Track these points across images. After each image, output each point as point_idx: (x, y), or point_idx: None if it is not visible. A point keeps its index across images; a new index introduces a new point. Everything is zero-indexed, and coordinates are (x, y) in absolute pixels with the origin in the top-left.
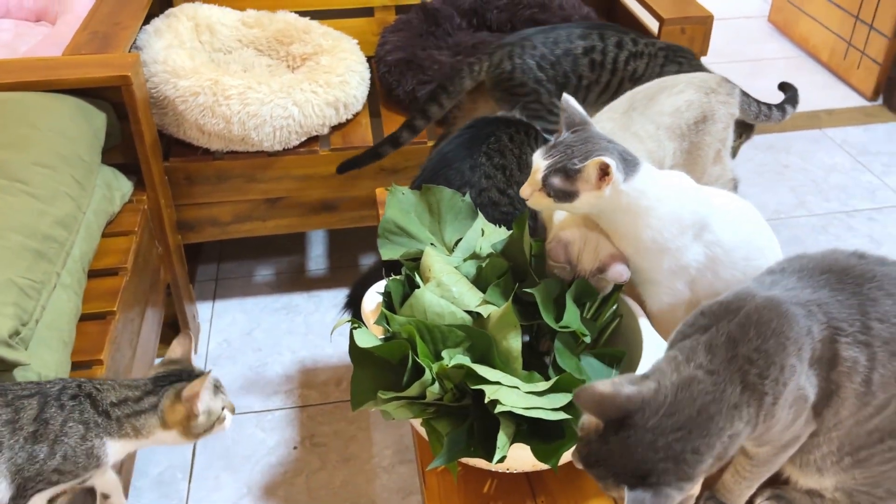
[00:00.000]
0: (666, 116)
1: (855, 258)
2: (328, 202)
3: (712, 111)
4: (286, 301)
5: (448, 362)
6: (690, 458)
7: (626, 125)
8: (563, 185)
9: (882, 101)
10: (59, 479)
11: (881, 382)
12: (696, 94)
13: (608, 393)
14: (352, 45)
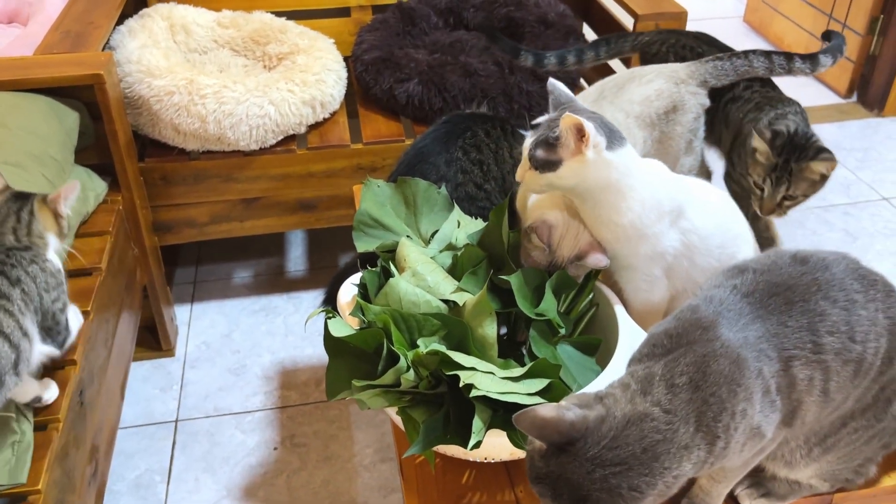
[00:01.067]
0: (635, 105)
1: (797, 266)
2: (306, 202)
3: (682, 101)
4: (265, 303)
5: (423, 350)
6: (627, 493)
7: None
8: (546, 154)
9: (856, 98)
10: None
11: (837, 388)
12: (665, 84)
13: (551, 418)
14: (328, 44)
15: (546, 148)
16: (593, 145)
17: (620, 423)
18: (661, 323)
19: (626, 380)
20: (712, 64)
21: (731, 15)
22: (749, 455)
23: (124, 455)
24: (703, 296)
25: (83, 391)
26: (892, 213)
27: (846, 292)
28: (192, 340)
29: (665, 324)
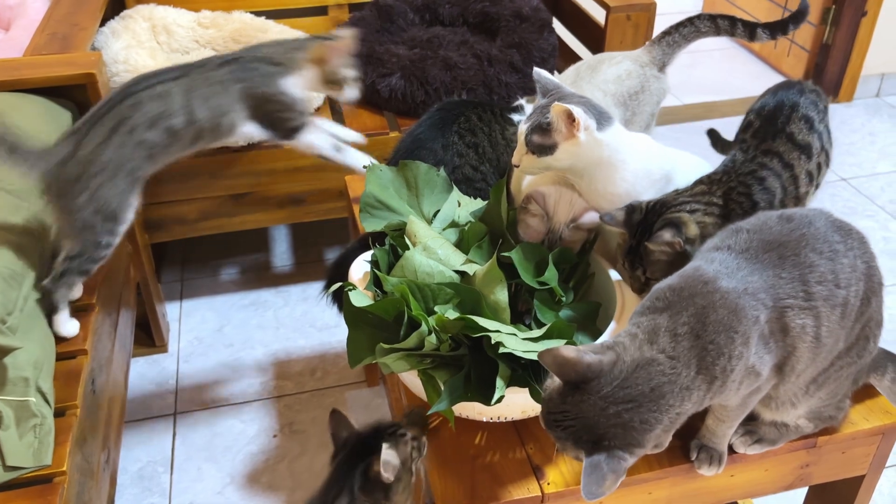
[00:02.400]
0: (610, 84)
1: (785, 224)
2: (295, 196)
3: (648, 83)
4: (254, 297)
5: (444, 315)
6: (639, 426)
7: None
8: (541, 139)
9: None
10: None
11: (828, 332)
12: (633, 65)
13: (571, 357)
14: None
15: (541, 133)
16: (584, 128)
17: (630, 366)
18: (665, 280)
19: (633, 330)
20: (665, 41)
21: (690, 10)
22: (746, 393)
23: (125, 448)
24: (704, 256)
25: (94, 380)
26: (850, 192)
27: (829, 244)
28: (185, 336)
29: (669, 280)
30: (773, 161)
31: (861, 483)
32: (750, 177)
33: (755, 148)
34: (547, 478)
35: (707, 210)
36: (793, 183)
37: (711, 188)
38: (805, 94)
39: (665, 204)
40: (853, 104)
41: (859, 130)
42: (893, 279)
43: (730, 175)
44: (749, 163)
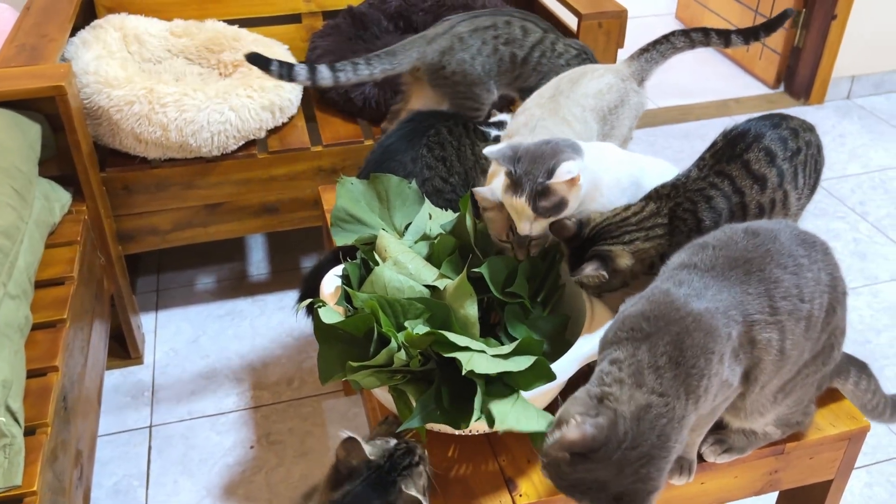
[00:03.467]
0: (590, 98)
1: (751, 240)
2: (269, 205)
3: (627, 97)
4: (230, 307)
5: (413, 331)
6: (655, 475)
7: (555, 110)
8: (549, 202)
9: (783, 88)
10: None
11: (792, 345)
12: (614, 79)
13: (577, 440)
14: (283, 50)
15: (545, 197)
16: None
17: (631, 421)
18: (633, 304)
19: (616, 374)
20: (644, 57)
21: (663, 12)
22: (718, 402)
23: (100, 463)
24: (672, 276)
25: (66, 396)
26: (821, 194)
27: (794, 258)
28: (160, 347)
29: (640, 306)
30: (725, 183)
31: (829, 487)
32: (698, 194)
33: (710, 167)
34: (520, 489)
35: (649, 235)
36: (741, 210)
37: (659, 205)
38: (777, 129)
39: (607, 231)
40: (824, 106)
41: (830, 132)
42: (864, 280)
43: (678, 190)
44: (700, 181)
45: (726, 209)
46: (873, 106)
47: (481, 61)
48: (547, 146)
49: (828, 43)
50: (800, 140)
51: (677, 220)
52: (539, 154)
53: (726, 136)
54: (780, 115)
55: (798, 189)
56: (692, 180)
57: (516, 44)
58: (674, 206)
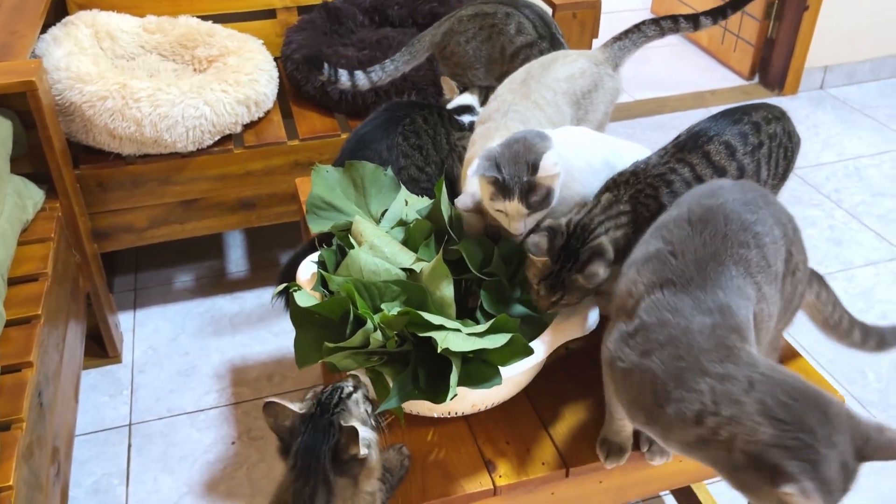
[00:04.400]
0: (562, 83)
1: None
2: (246, 200)
3: (602, 81)
4: (209, 305)
5: (389, 313)
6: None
7: (526, 94)
8: (539, 195)
9: (758, 79)
10: None
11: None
12: (587, 63)
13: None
14: (258, 45)
15: (534, 191)
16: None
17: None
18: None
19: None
20: (617, 45)
21: (639, 7)
22: None
23: (78, 462)
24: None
25: (41, 392)
26: (796, 182)
27: (749, 230)
28: (139, 346)
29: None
30: (685, 169)
31: None
32: (659, 179)
33: (671, 155)
34: (498, 470)
35: (617, 224)
36: None
37: (618, 193)
38: (738, 125)
39: (585, 228)
40: (798, 97)
41: (804, 122)
42: (840, 265)
43: (638, 177)
44: (661, 166)
45: None
46: (846, 96)
47: (474, 46)
48: (517, 144)
49: (800, 34)
50: (762, 134)
51: (640, 206)
52: (514, 154)
53: (689, 130)
54: (742, 110)
55: (760, 182)
56: (652, 166)
57: (507, 38)
58: (634, 192)
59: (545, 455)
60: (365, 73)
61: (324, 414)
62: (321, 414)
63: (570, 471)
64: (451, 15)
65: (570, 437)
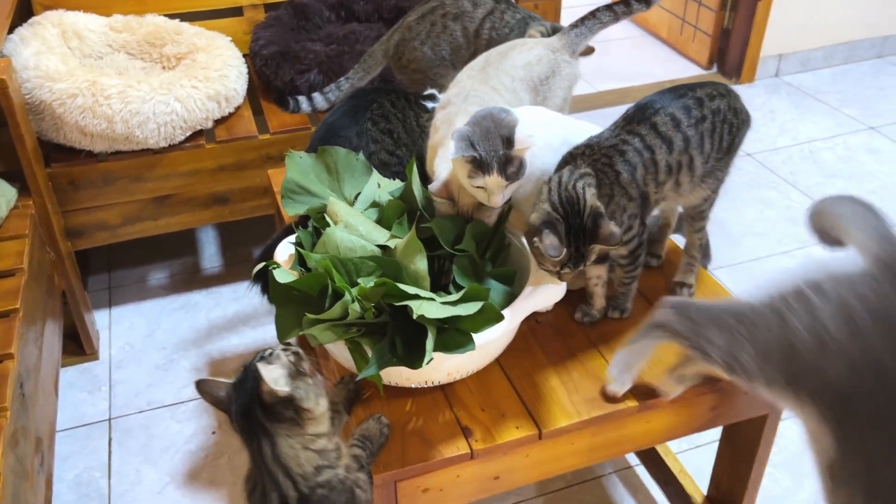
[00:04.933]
0: (519, 69)
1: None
2: (219, 195)
3: (559, 67)
4: (184, 300)
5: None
6: None
7: (485, 80)
8: (515, 166)
9: (716, 69)
10: None
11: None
12: (544, 51)
13: None
14: (226, 41)
15: (510, 162)
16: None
17: None
18: None
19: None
20: (574, 32)
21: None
22: None
23: (60, 457)
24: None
25: (23, 384)
26: (755, 166)
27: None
28: (115, 343)
29: None
30: (636, 140)
31: (765, 422)
32: (612, 149)
33: (621, 128)
34: (475, 435)
35: (587, 182)
36: (653, 165)
37: (576, 164)
38: (682, 99)
39: (570, 199)
40: (754, 84)
41: (761, 109)
42: (797, 244)
43: (593, 149)
44: (613, 138)
45: (640, 163)
46: (800, 82)
47: (431, 44)
48: (485, 120)
49: (755, 24)
50: (705, 109)
51: (599, 172)
52: (486, 131)
53: (637, 104)
54: (687, 86)
55: (704, 154)
56: (605, 139)
57: (466, 17)
58: (591, 162)
59: (519, 420)
60: (322, 94)
61: (247, 375)
62: (245, 376)
63: (542, 433)
64: (398, 25)
65: (542, 403)
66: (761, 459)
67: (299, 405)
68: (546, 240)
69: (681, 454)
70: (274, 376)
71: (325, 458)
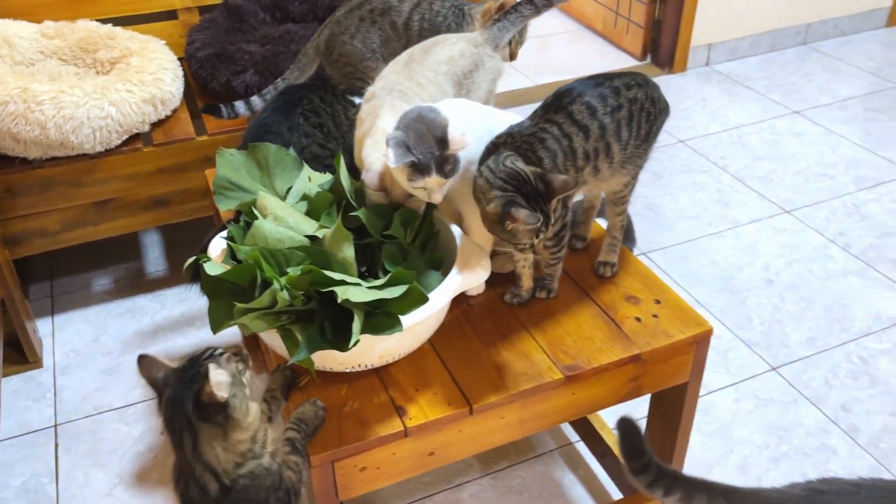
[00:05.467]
0: (442, 64)
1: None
2: (159, 198)
3: (482, 61)
4: (130, 304)
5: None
6: None
7: (409, 75)
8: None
9: (650, 59)
10: None
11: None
12: (466, 46)
13: None
14: (160, 45)
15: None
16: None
17: None
18: None
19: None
20: (496, 26)
21: None
22: None
23: (5, 465)
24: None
25: None
26: (688, 153)
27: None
28: (60, 350)
29: None
30: (554, 128)
31: (686, 390)
32: (532, 137)
33: (540, 117)
34: (408, 414)
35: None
36: (571, 153)
37: (499, 152)
38: (598, 87)
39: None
40: (686, 73)
41: (693, 97)
42: (727, 224)
43: (514, 137)
44: (533, 127)
45: (559, 150)
46: (730, 70)
47: (361, 37)
48: (417, 123)
49: (684, 15)
50: (621, 97)
51: (523, 158)
52: (420, 134)
53: (555, 93)
54: (604, 76)
55: (621, 142)
56: (525, 128)
57: (393, 11)
58: (513, 149)
59: (451, 397)
60: (260, 96)
61: (192, 367)
62: (190, 367)
63: (473, 409)
64: (327, 22)
65: (474, 381)
66: (686, 425)
67: (230, 413)
68: (520, 214)
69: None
70: (219, 380)
71: (246, 454)
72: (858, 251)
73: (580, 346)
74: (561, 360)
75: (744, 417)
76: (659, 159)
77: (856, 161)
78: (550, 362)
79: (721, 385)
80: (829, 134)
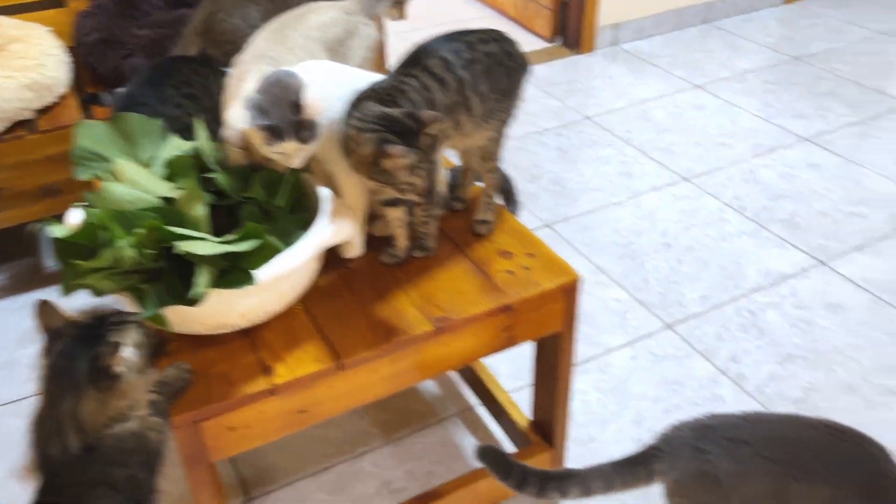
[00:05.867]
0: (314, 31)
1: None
2: (49, 187)
3: (356, 28)
4: (26, 300)
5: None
6: None
7: (280, 40)
8: (310, 129)
9: (561, 41)
10: None
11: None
12: (339, 14)
13: None
14: (44, 31)
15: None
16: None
17: None
18: None
19: None
20: None
21: None
22: None
23: None
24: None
25: None
26: (594, 128)
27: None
28: None
29: None
30: (412, 81)
31: (561, 339)
32: (393, 89)
33: (399, 72)
34: (276, 372)
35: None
36: (431, 105)
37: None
38: (452, 42)
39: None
40: (595, 53)
41: (600, 75)
42: (630, 194)
43: (377, 92)
44: (393, 80)
45: (421, 100)
46: (636, 49)
47: (239, 14)
48: (275, 87)
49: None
50: (476, 51)
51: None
52: (275, 98)
53: (413, 49)
54: (460, 32)
55: (480, 94)
56: (386, 82)
57: None
58: (377, 101)
59: (320, 355)
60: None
61: (100, 327)
62: (96, 326)
63: (343, 363)
64: (203, 2)
65: (345, 338)
66: (563, 374)
67: (118, 384)
68: (394, 149)
69: (514, 392)
70: (127, 357)
71: (118, 417)
72: (752, 213)
73: (452, 300)
74: (432, 313)
75: (640, 374)
76: (566, 135)
77: (753, 130)
78: (422, 316)
79: (618, 344)
80: (729, 106)
